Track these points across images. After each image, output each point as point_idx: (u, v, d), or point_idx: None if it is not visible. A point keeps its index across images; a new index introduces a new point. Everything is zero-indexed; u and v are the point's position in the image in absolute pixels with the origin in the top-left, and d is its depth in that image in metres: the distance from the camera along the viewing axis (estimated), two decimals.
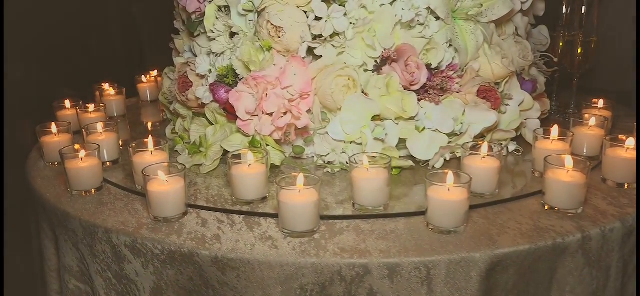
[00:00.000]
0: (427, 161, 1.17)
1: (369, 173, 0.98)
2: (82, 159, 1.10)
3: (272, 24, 1.15)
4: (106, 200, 1.08)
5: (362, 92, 1.15)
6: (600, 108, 1.37)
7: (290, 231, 0.91)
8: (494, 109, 1.19)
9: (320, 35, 1.14)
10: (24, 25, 2.19)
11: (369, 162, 0.99)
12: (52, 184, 1.16)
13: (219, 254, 0.87)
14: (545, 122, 1.32)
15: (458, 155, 1.20)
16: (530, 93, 1.30)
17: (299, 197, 0.90)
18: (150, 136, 1.13)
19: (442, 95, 1.17)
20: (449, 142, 1.16)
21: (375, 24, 1.14)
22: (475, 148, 1.06)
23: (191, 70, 1.28)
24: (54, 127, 1.28)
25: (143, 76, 1.83)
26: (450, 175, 0.91)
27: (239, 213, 1.00)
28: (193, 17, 1.32)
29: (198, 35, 1.34)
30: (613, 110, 1.37)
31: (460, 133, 1.17)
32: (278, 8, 1.15)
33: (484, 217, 0.96)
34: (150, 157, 1.10)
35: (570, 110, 1.54)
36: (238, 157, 1.05)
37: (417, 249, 0.86)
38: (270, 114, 1.15)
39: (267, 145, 1.16)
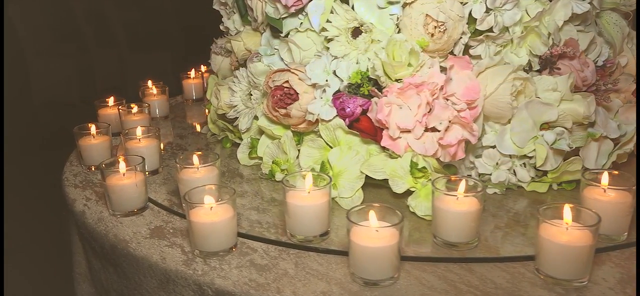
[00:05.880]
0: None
1: (608, 195, 0.81)
2: (212, 209, 0.81)
3: (432, 19, 0.93)
4: (259, 260, 0.79)
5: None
6: None
7: (555, 279, 0.72)
8: None
9: (489, 30, 0.95)
10: None
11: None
12: (161, 246, 0.84)
13: None
14: None
15: (620, 162, 1.08)
16: None
17: (567, 236, 0.71)
18: (309, 174, 0.86)
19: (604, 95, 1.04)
20: (614, 148, 1.03)
21: (544, 16, 0.97)
22: None
23: (299, 79, 1.02)
24: (122, 165, 0.94)
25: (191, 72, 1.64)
26: None
27: (449, 260, 0.78)
28: (285, 12, 1.05)
29: (287, 34, 1.08)
30: None
31: (623, 138, 1.05)
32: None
33: None
34: (308, 197, 0.83)
35: None
36: (448, 186, 0.83)
37: None
38: (432, 130, 0.94)
39: (433, 168, 0.95)
